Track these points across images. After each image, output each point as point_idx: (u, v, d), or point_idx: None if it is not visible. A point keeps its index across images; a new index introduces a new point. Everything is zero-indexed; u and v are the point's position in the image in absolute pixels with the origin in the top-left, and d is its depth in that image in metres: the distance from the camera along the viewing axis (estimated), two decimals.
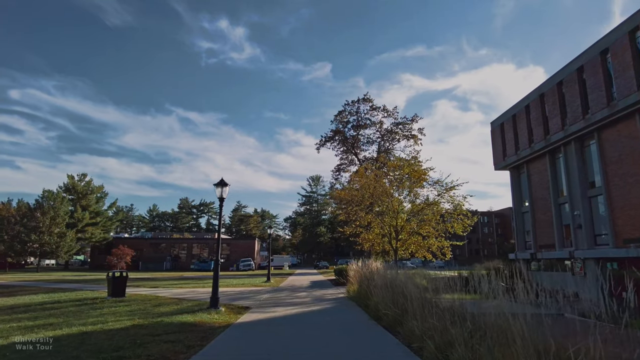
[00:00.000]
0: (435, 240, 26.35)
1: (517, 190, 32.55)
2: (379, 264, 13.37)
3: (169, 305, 12.44)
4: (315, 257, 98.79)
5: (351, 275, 14.39)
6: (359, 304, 11.52)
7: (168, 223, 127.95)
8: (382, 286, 9.06)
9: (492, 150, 34.77)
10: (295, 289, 20.03)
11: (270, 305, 12.60)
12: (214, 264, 11.50)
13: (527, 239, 31.42)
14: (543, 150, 27.48)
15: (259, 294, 16.97)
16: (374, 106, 54.61)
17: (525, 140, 29.43)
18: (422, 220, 26.36)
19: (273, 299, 14.92)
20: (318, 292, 17.66)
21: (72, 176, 60.78)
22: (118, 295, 15.12)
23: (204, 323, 8.93)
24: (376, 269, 11.75)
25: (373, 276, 11.10)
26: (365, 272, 12.13)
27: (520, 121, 30.23)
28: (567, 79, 24.36)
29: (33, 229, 46.63)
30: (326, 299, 14.54)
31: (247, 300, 14.20)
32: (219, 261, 11.49)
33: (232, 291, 18.83)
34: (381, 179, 26.66)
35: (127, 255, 42.57)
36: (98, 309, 11.77)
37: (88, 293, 17.26)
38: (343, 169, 54.73)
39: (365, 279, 11.64)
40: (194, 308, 11.56)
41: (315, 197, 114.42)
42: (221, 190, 11.59)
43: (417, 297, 6.77)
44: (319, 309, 11.60)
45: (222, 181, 11.68)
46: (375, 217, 28.03)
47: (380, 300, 8.60)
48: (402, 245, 26.82)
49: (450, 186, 25.21)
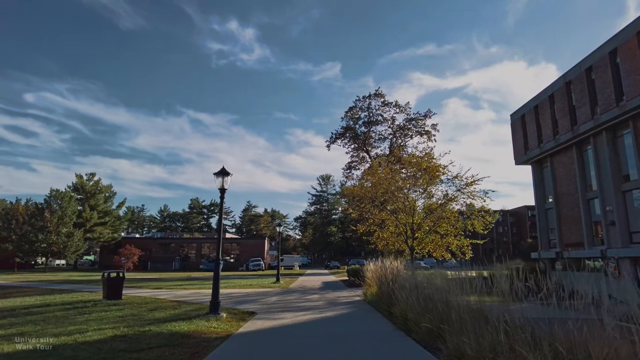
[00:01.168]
0: (454, 239, 24.80)
1: (539, 185, 30.72)
2: (400, 264, 11.92)
3: (165, 310, 11.17)
4: (325, 257, 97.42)
5: (368, 276, 12.94)
6: (378, 308, 10.10)
7: (179, 223, 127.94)
8: (410, 289, 7.63)
9: (513, 143, 32.97)
10: (306, 291, 18.66)
11: (278, 310, 11.24)
12: (215, 264, 10.18)
13: (551, 237, 29.58)
14: (569, 142, 25.67)
15: (267, 297, 15.65)
16: (385, 102, 52.99)
17: (549, 132, 27.63)
18: (440, 217, 24.83)
19: (282, 302, 13.57)
20: (331, 295, 16.26)
21: (80, 175, 60.38)
22: (114, 297, 13.93)
23: (198, 333, 7.60)
24: (399, 270, 10.31)
25: (396, 278, 9.68)
26: (385, 272, 10.71)
27: (543, 112, 28.43)
28: (598, 63, 22.56)
29: (40, 228, 46.07)
30: (340, 302, 13.14)
31: (253, 304, 12.88)
32: (219, 261, 10.17)
33: (239, 293, 17.54)
34: (396, 174, 25.17)
35: (134, 255, 41.67)
36: (86, 314, 10.55)
37: (85, 295, 16.12)
38: (354, 167, 53.32)
39: (385, 281, 10.22)
40: (192, 313, 10.27)
41: (325, 196, 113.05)
42: (222, 180, 10.27)
43: (465, 306, 5.35)
44: (334, 315, 10.20)
45: (223, 170, 10.36)
46: (390, 214, 26.58)
47: (408, 308, 7.18)
48: (419, 244, 25.31)
49: (470, 181, 23.65)
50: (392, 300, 8.91)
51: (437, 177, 23.96)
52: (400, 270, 10.23)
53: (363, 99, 53.48)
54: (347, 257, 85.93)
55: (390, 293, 9.29)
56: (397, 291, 8.33)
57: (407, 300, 7.73)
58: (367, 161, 52.43)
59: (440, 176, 24.04)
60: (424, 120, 52.33)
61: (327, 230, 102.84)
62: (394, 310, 8.24)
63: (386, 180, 25.03)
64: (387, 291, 9.66)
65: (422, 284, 7.58)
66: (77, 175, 60.26)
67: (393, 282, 9.91)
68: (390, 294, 9.28)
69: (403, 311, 7.45)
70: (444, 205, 24.92)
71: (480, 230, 24.73)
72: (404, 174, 25.50)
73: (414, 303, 7.03)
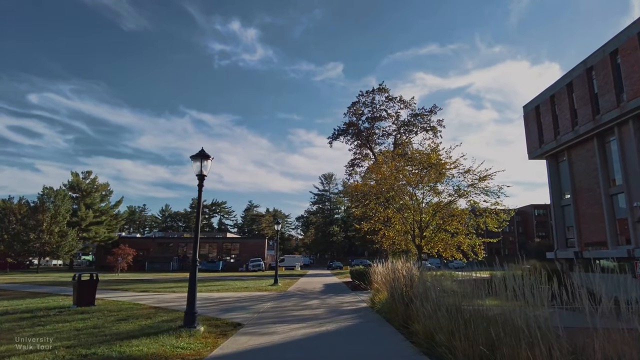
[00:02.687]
0: (465, 238, 22.99)
1: (555, 181, 28.80)
2: (413, 267, 10.10)
3: (136, 320, 9.41)
4: (328, 257, 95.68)
5: (377, 280, 11.07)
6: (390, 320, 8.29)
7: (180, 223, 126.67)
8: (436, 300, 5.86)
9: (526, 137, 31.05)
10: (306, 295, 16.87)
11: (269, 321, 9.46)
12: (191, 266, 8.41)
13: (568, 235, 27.67)
14: (590, 134, 23.78)
15: (261, 302, 13.88)
16: (389, 97, 51.18)
17: (567, 123, 25.72)
18: (452, 215, 23.03)
19: (276, 309, 11.78)
20: (333, 300, 14.45)
21: (76, 173, 58.73)
22: (85, 303, 12.19)
23: (158, 358, 5.83)
24: (414, 274, 8.49)
25: (411, 283, 7.89)
26: (397, 276, 8.91)
27: (560, 101, 26.52)
28: (625, 46, 20.65)
29: (33, 228, 44.45)
30: (344, 310, 11.33)
31: (242, 312, 11.10)
32: (197, 262, 8.40)
33: (230, 298, 15.77)
34: (400, 172, 23.43)
35: (128, 255, 39.92)
36: (39, 325, 8.81)
37: (58, 300, 14.37)
38: (357, 164, 51.55)
39: (398, 287, 8.41)
40: (164, 326, 8.50)
41: (327, 195, 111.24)
42: (200, 165, 8.49)
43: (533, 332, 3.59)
44: (336, 328, 8.38)
45: (201, 153, 8.58)
46: (396, 212, 24.80)
47: (437, 326, 5.39)
48: (427, 243, 23.49)
49: (482, 175, 21.83)
50: (408, 312, 7.13)
51: (444, 174, 22.22)
52: (415, 274, 8.42)
53: (366, 94, 51.66)
54: (350, 257, 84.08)
55: (406, 302, 7.51)
56: (418, 302, 6.55)
57: (434, 316, 5.93)
58: (370, 158, 50.72)
59: (446, 173, 22.31)
60: (429, 115, 50.51)
61: (329, 230, 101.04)
62: (414, 327, 6.42)
63: (392, 176, 23.30)
64: (402, 300, 7.86)
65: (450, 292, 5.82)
66: (72, 173, 58.69)
67: (408, 289, 8.11)
68: (406, 304, 7.50)
69: (427, 330, 5.66)
70: (454, 202, 23.19)
71: (493, 228, 22.98)
72: (409, 171, 23.67)
73: (444, 321, 5.23)
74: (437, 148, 23.54)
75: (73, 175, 58.31)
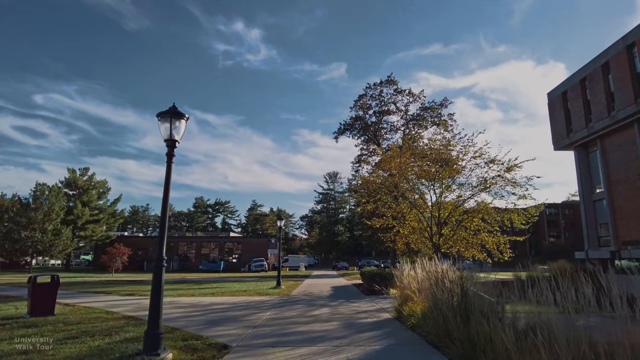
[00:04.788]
0: (488, 236, 20.55)
1: (585, 173, 26.23)
2: (452, 270, 7.67)
3: (90, 339, 7.06)
4: (333, 257, 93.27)
5: (412, 287, 8.48)
6: (439, 343, 5.81)
7: (184, 223, 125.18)
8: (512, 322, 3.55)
9: (551, 126, 28.50)
10: (313, 301, 14.46)
11: (266, 342, 7.05)
12: (154, 267, 6.04)
13: (601, 233, 25.10)
14: (631, 119, 21.23)
15: (259, 310, 11.50)
16: (398, 89, 48.76)
17: (601, 109, 23.16)
18: (475, 210, 20.63)
19: (277, 322, 9.38)
20: (346, 308, 12.02)
21: (72, 170, 56.65)
22: (41, 312, 9.85)
23: None
24: (466, 279, 6.06)
25: (463, 291, 5.46)
26: (442, 282, 6.44)
27: (593, 85, 23.95)
28: None
29: (24, 225, 42.30)
30: (364, 323, 8.91)
31: (233, 326, 8.71)
32: (162, 260, 6.02)
33: (223, 304, 13.40)
34: (411, 165, 21.14)
35: (123, 255, 37.66)
36: None
37: (18, 307, 12.04)
38: (364, 160, 49.17)
39: (447, 298, 5.98)
40: (119, 349, 6.13)
41: (332, 194, 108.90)
42: (170, 126, 6.10)
43: None
44: (361, 355, 5.96)
45: (173, 110, 6.18)
46: (411, 207, 22.43)
47: None
48: (445, 242, 21.06)
49: (509, 165, 19.42)
50: (472, 335, 4.73)
51: (457, 170, 19.95)
52: (468, 280, 6.00)
53: (374, 86, 49.24)
54: (357, 257, 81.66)
55: (463, 319, 5.12)
56: (486, 322, 4.22)
57: (522, 345, 3.55)
58: (377, 154, 48.40)
59: (459, 169, 20.04)
60: (440, 109, 48.09)
61: (334, 230, 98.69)
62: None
63: (407, 168, 21.02)
64: (454, 314, 5.44)
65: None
66: (69, 169, 56.62)
67: (459, 300, 5.70)
68: (463, 321, 5.11)
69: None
70: (476, 195, 20.82)
71: (520, 225, 20.60)
72: (419, 166, 21.30)
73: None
74: (450, 143, 21.11)
75: (70, 172, 56.24)
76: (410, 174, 21.18)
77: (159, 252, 5.97)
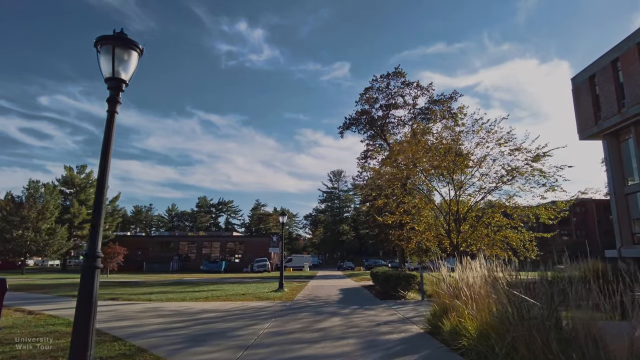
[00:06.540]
0: (512, 232, 18.40)
1: (616, 164, 23.98)
2: (508, 272, 5.59)
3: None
4: (337, 257, 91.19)
5: (464, 293, 6.27)
6: None
7: (187, 222, 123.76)
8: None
9: (576, 114, 26.27)
10: (320, 307, 12.37)
11: None
12: (84, 265, 3.98)
13: (635, 230, 22.86)
14: None
15: (256, 321, 9.46)
16: (406, 82, 46.48)
17: (638, 91, 20.94)
18: (499, 205, 18.58)
19: (277, 339, 7.31)
20: (362, 318, 9.91)
21: (70, 168, 54.84)
22: None
23: None
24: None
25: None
26: (506, 290, 4.37)
27: (627, 65, 21.71)
28: None
29: (17, 224, 40.52)
30: (389, 341, 6.84)
31: (219, 345, 6.66)
32: (96, 258, 3.98)
33: (215, 312, 11.36)
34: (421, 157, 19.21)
35: (118, 255, 35.75)
36: None
37: None
38: (370, 156, 47.06)
39: (521, 313, 3.88)
40: None
41: (337, 193, 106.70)
42: (112, 59, 4.07)
43: None
44: None
45: (118, 35, 4.15)
46: (427, 201, 20.38)
47: None
48: (464, 240, 18.94)
49: (536, 154, 17.31)
50: None
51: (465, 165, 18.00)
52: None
53: (381, 78, 46.98)
54: (363, 257, 79.49)
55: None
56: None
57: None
58: (385, 149, 46.23)
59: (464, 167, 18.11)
60: (449, 102, 45.82)
61: (338, 229, 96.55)
62: None
63: (421, 157, 19.04)
64: (548, 345, 3.36)
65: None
66: (66, 167, 54.79)
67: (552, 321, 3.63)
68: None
69: None
70: (498, 188, 18.75)
71: (547, 221, 18.43)
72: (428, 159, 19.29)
73: None
74: (459, 137, 19.09)
75: (67, 170, 54.46)
76: (426, 164, 19.14)
77: (92, 246, 3.90)
